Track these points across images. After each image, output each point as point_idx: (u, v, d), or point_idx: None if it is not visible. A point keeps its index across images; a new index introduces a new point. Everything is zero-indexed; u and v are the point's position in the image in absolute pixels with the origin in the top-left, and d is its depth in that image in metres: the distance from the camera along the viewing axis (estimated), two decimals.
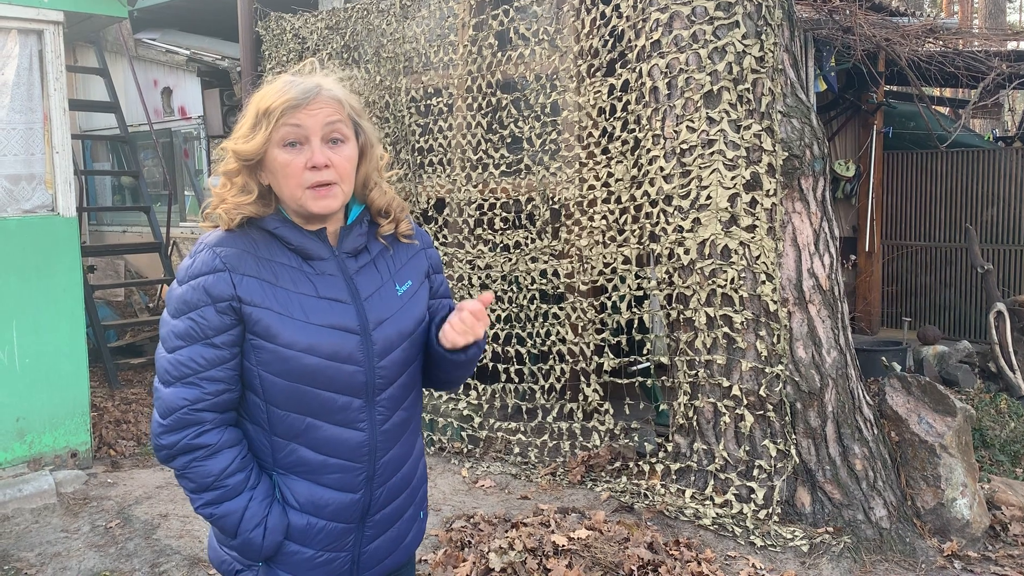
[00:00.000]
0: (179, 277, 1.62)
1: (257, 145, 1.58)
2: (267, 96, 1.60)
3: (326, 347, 1.60)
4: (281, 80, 1.63)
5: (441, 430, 5.33)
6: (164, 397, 1.59)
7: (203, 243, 1.63)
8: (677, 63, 4.26)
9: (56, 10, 4.77)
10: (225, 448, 1.60)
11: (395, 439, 1.72)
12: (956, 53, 7.12)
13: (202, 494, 1.61)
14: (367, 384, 1.65)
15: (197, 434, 1.58)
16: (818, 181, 4.25)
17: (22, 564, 3.82)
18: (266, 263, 1.61)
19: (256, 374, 1.61)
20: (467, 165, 5.49)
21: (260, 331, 1.58)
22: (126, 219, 9.43)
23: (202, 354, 1.57)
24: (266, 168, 1.62)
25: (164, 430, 1.59)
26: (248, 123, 1.61)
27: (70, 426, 4.89)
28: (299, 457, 1.65)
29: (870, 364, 6.28)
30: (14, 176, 4.76)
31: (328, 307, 1.62)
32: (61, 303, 4.84)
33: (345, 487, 1.67)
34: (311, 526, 1.66)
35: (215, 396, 1.59)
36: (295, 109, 1.57)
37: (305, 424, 1.63)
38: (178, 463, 1.60)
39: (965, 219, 8.21)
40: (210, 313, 1.57)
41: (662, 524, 3.98)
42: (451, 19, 5.59)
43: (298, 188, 1.59)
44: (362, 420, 1.66)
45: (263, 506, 1.62)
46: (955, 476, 3.96)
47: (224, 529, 1.63)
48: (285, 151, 1.58)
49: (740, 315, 4.12)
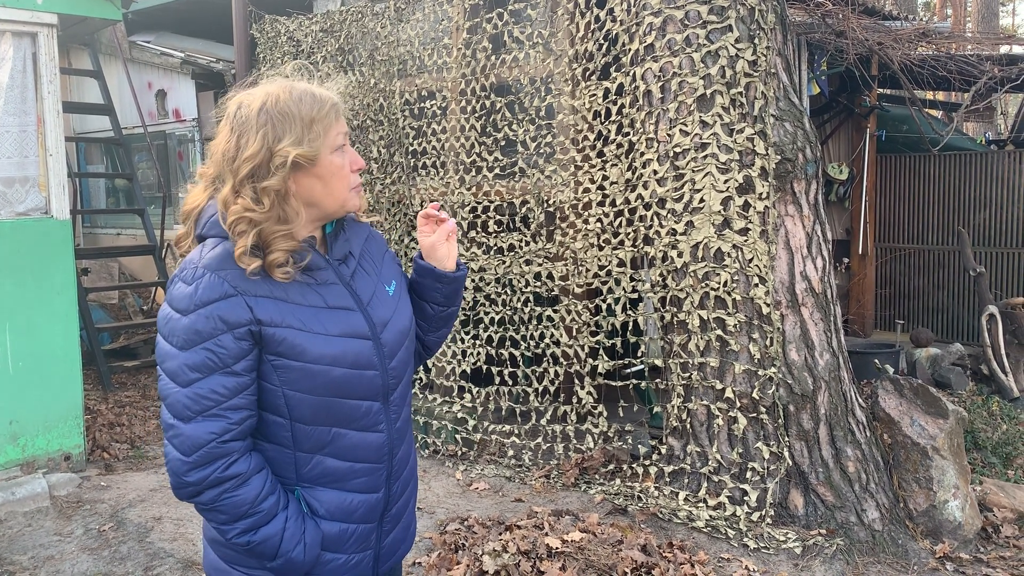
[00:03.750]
0: (181, 307, 1.53)
1: (317, 149, 1.58)
2: (304, 105, 1.58)
3: (350, 356, 1.61)
4: (302, 87, 1.61)
5: (435, 433, 5.33)
6: (187, 433, 1.51)
7: (199, 266, 1.55)
8: (670, 67, 4.27)
9: (50, 13, 4.76)
10: (255, 474, 1.56)
11: (404, 434, 1.79)
12: (948, 57, 7.16)
13: (236, 523, 1.56)
14: (383, 386, 1.69)
15: (227, 465, 1.53)
16: (811, 184, 4.27)
17: (15, 567, 3.81)
18: (271, 280, 1.57)
19: (280, 394, 1.58)
20: (461, 168, 5.50)
21: (285, 350, 1.56)
22: (120, 221, 9.41)
23: (223, 384, 1.52)
24: (311, 175, 1.59)
25: (190, 467, 1.52)
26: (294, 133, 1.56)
27: (63, 429, 4.88)
28: (325, 468, 1.65)
29: (863, 367, 6.30)
30: (7, 179, 4.75)
31: (341, 316, 1.63)
32: (55, 305, 4.83)
33: (371, 488, 1.70)
34: (343, 532, 1.67)
35: (240, 424, 1.55)
36: (340, 116, 1.63)
37: (331, 435, 1.63)
38: (206, 497, 1.54)
39: (957, 222, 8.25)
40: (228, 341, 1.52)
41: (656, 526, 3.99)
42: (445, 22, 5.59)
43: (346, 189, 1.64)
44: (381, 422, 1.70)
45: (299, 524, 1.61)
46: (947, 478, 3.97)
47: (263, 554, 1.59)
48: (337, 155, 1.62)
49: (733, 318, 4.13)
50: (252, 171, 1.55)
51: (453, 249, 1.87)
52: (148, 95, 8.67)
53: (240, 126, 1.57)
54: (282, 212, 1.56)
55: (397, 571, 1.94)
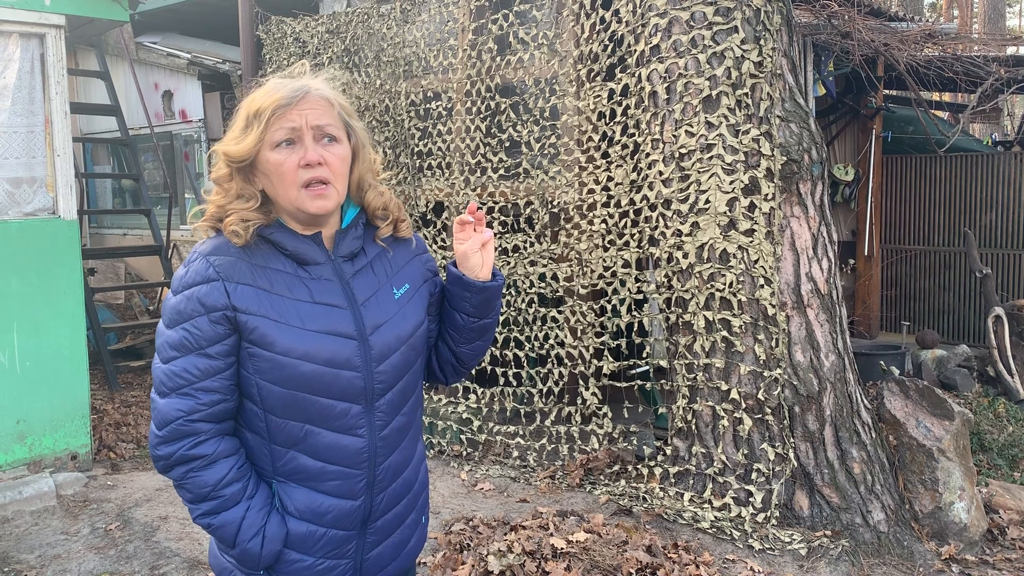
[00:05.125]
0: (173, 287, 1.60)
1: (248, 146, 1.57)
2: (256, 98, 1.59)
3: (323, 353, 1.59)
4: (271, 82, 1.62)
5: (440, 433, 5.34)
6: (160, 408, 1.58)
7: (196, 251, 1.62)
8: (676, 68, 4.27)
9: (58, 14, 4.79)
10: (221, 458, 1.59)
11: (394, 445, 1.71)
12: (955, 58, 7.14)
13: (200, 504, 1.60)
14: (365, 389, 1.64)
15: (193, 445, 1.57)
16: (816, 185, 4.27)
17: (22, 566, 3.83)
18: (261, 270, 1.60)
19: (253, 382, 1.60)
20: (466, 169, 5.51)
21: (256, 339, 1.57)
22: (126, 222, 9.45)
23: (196, 364, 1.56)
24: (260, 171, 1.61)
25: (160, 441, 1.58)
26: (239, 126, 1.60)
27: (70, 428, 4.90)
28: (298, 464, 1.63)
29: (869, 368, 6.29)
30: (15, 179, 4.77)
31: (324, 312, 1.61)
32: (62, 305, 4.85)
33: (345, 494, 1.66)
34: (311, 534, 1.65)
35: (210, 407, 1.58)
36: (285, 109, 1.56)
37: (304, 431, 1.62)
38: (175, 473, 1.59)
39: (964, 223, 8.23)
40: (203, 323, 1.56)
41: (660, 527, 3.99)
42: (451, 24, 5.60)
43: (293, 187, 1.58)
44: (361, 426, 1.64)
45: (261, 515, 1.61)
46: (953, 480, 3.97)
47: (222, 539, 1.62)
48: (278, 151, 1.57)
49: (738, 319, 4.13)
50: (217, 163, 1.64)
51: (488, 258, 1.78)
52: (155, 96, 8.69)
53: None
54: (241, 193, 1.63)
55: None
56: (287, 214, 1.64)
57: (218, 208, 1.63)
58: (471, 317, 1.81)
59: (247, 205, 1.61)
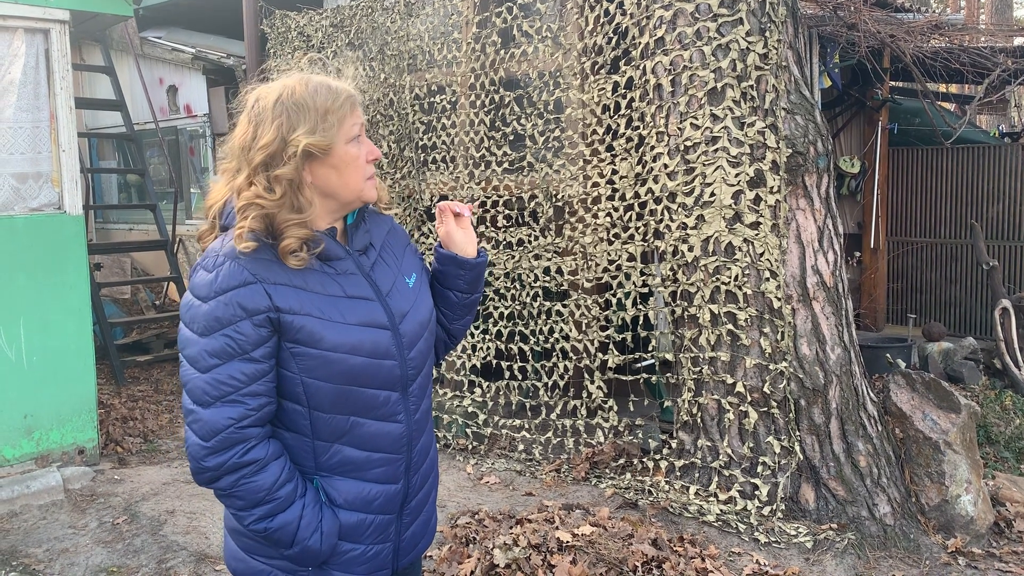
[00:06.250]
0: (202, 294, 1.56)
1: (331, 139, 1.60)
2: (320, 97, 1.60)
3: (368, 345, 1.62)
4: (316, 80, 1.63)
5: (446, 427, 5.35)
6: (205, 419, 1.54)
7: (220, 255, 1.58)
8: (681, 60, 4.26)
9: (62, 9, 4.79)
10: (272, 461, 1.58)
11: (424, 426, 1.79)
12: (962, 49, 7.10)
13: (253, 510, 1.58)
14: (402, 377, 1.69)
15: (245, 451, 1.55)
16: (822, 178, 4.25)
17: (30, 560, 3.85)
18: (290, 269, 1.60)
19: (299, 381, 1.60)
20: (470, 162, 5.50)
21: (303, 338, 1.57)
22: (132, 217, 9.47)
23: (242, 370, 1.54)
24: (326, 165, 1.61)
25: (208, 452, 1.54)
26: (309, 121, 1.57)
27: (77, 423, 4.92)
28: (344, 457, 1.66)
29: (875, 361, 6.28)
30: (21, 174, 4.78)
31: (359, 306, 1.64)
32: (68, 300, 4.86)
33: (389, 479, 1.71)
34: (361, 522, 1.68)
35: (259, 411, 1.57)
36: (356, 107, 1.65)
37: (350, 423, 1.64)
38: (224, 483, 1.56)
39: (970, 215, 8.19)
40: (247, 327, 1.54)
41: (666, 520, 3.99)
42: (455, 17, 5.59)
43: (362, 179, 1.65)
44: (399, 412, 1.70)
45: (316, 512, 1.62)
46: (959, 473, 3.96)
47: (280, 541, 1.60)
48: (352, 145, 1.63)
49: (744, 312, 4.12)
50: (265, 160, 1.57)
51: (470, 235, 1.89)
52: (159, 91, 8.70)
53: (256, 117, 1.60)
54: (295, 201, 1.58)
55: (417, 566, 1.93)
56: (339, 205, 1.68)
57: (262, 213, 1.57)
58: (464, 294, 1.91)
59: (299, 217, 1.58)
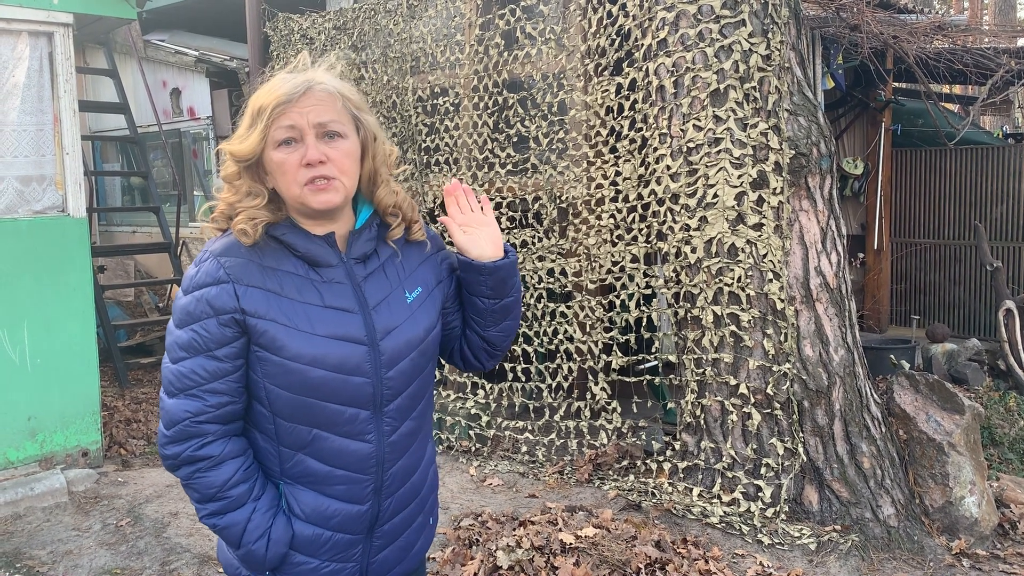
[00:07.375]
0: (183, 287, 1.59)
1: (252, 145, 1.55)
2: (260, 95, 1.58)
3: (332, 359, 1.57)
4: (275, 78, 1.60)
5: (449, 429, 5.35)
6: (168, 408, 1.57)
7: (207, 251, 1.60)
8: (684, 62, 4.26)
9: (66, 12, 4.80)
10: (228, 459, 1.58)
11: (403, 450, 1.69)
12: (965, 50, 7.10)
13: (206, 504, 1.60)
14: (374, 396, 1.62)
15: (200, 446, 1.56)
16: (825, 179, 4.25)
17: (34, 562, 3.86)
18: (271, 272, 1.58)
19: (262, 386, 1.59)
20: (473, 164, 5.50)
21: (265, 343, 1.56)
22: (136, 219, 9.48)
23: (204, 366, 1.55)
24: (265, 170, 1.60)
25: (168, 441, 1.58)
26: (244, 124, 1.59)
27: (81, 425, 4.93)
28: (306, 467, 1.62)
29: (878, 362, 6.27)
30: (25, 177, 4.79)
31: (334, 317, 1.59)
32: (72, 303, 4.87)
33: (351, 498, 1.64)
34: (317, 537, 1.64)
35: (217, 408, 1.57)
36: (286, 106, 1.54)
37: (312, 435, 1.60)
38: (182, 473, 1.59)
39: (974, 216, 8.18)
40: (212, 325, 1.54)
41: (669, 522, 3.98)
42: (458, 19, 5.60)
43: (295, 186, 1.55)
44: (369, 432, 1.63)
45: (267, 517, 1.60)
46: (963, 474, 3.95)
47: (228, 540, 1.62)
48: (280, 150, 1.55)
49: (747, 313, 4.12)
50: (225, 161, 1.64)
51: (493, 235, 1.74)
52: (163, 93, 8.72)
53: None
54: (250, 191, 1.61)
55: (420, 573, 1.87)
56: (296, 211, 1.62)
57: (228, 206, 1.62)
58: (490, 299, 1.77)
59: (255, 202, 1.59)
